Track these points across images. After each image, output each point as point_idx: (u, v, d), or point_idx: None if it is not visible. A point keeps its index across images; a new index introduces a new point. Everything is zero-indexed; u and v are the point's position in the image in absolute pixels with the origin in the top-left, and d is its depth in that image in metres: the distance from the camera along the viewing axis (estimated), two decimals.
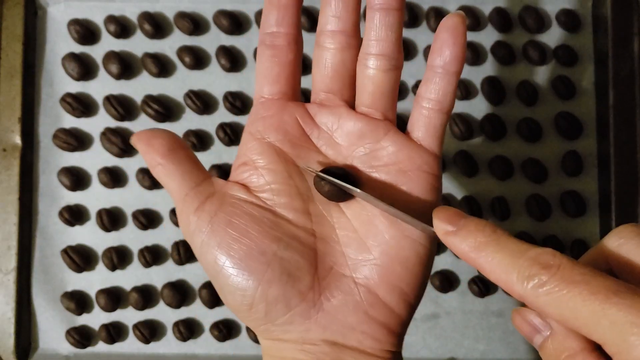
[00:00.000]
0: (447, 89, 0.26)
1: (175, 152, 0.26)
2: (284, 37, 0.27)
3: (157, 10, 0.45)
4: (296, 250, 0.26)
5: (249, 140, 0.27)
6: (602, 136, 0.44)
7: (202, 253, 0.25)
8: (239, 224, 0.25)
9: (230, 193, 0.26)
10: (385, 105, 0.27)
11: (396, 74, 0.26)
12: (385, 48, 0.26)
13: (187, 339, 0.43)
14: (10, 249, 0.43)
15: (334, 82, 0.27)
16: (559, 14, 0.45)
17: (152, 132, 0.27)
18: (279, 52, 0.27)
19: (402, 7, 0.26)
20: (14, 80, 0.44)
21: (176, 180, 0.26)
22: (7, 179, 0.44)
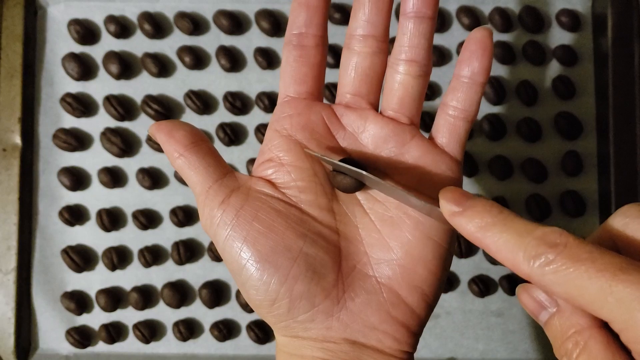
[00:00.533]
0: (474, 99, 0.26)
1: (197, 145, 0.26)
2: (312, 39, 0.27)
3: (157, 10, 0.45)
4: (321, 247, 0.26)
5: (274, 137, 0.27)
6: (602, 136, 0.44)
7: (226, 247, 0.25)
8: (266, 219, 0.25)
9: (255, 188, 0.26)
10: (413, 110, 0.27)
11: (425, 80, 0.27)
12: (416, 55, 0.26)
13: (187, 339, 0.43)
14: (10, 249, 0.43)
15: (362, 86, 0.27)
16: (559, 14, 0.45)
17: (173, 123, 0.26)
18: (307, 53, 0.27)
19: (435, 15, 0.26)
20: (14, 80, 0.44)
21: (199, 173, 0.26)
22: (7, 179, 0.44)
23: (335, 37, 0.45)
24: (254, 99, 0.45)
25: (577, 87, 0.45)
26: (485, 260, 0.44)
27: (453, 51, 0.45)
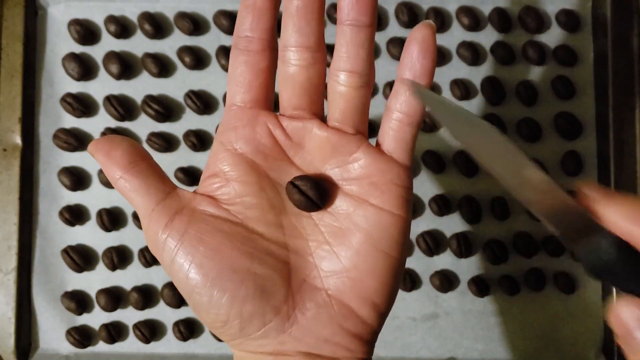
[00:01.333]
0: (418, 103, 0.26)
1: (137, 165, 0.25)
2: (259, 43, 0.26)
3: (157, 10, 0.45)
4: (269, 265, 0.25)
5: (219, 151, 0.26)
6: (602, 136, 0.44)
7: (173, 271, 0.25)
8: (211, 241, 0.24)
9: (199, 208, 0.25)
10: (357, 120, 0.26)
11: (367, 91, 0.26)
12: (356, 65, 0.25)
13: (187, 338, 0.43)
14: (10, 249, 0.43)
15: (302, 99, 0.26)
16: (558, 14, 0.45)
17: (110, 141, 0.25)
18: (253, 57, 0.26)
19: (373, 23, 0.25)
20: (14, 80, 0.44)
21: (140, 195, 0.25)
22: (7, 179, 0.44)
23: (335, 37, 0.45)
24: None
25: (577, 87, 0.45)
26: (484, 260, 0.44)
27: (453, 51, 0.45)
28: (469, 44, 0.45)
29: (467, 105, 0.45)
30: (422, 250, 0.44)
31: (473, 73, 0.45)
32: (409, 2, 0.45)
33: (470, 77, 0.45)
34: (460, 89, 0.44)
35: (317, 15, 0.25)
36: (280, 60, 0.26)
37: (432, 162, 0.44)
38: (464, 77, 0.45)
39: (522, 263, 0.44)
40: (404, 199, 0.26)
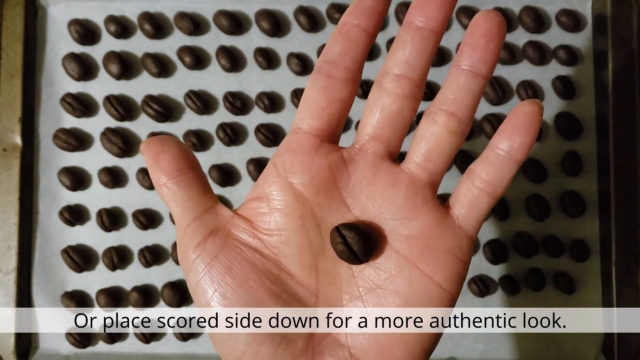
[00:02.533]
0: (506, 176, 0.24)
1: (182, 173, 0.24)
2: (343, 71, 0.24)
3: (157, 10, 0.45)
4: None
5: (271, 174, 0.24)
6: (602, 136, 0.44)
7: (196, 293, 0.24)
8: (239, 273, 0.23)
9: (234, 234, 0.24)
10: (438, 167, 0.24)
11: (460, 140, 0.24)
12: (459, 110, 0.24)
13: (187, 338, 0.43)
14: (10, 249, 0.43)
15: (385, 129, 0.24)
16: (558, 14, 0.45)
17: (162, 143, 0.24)
18: (333, 85, 0.24)
19: (490, 75, 0.24)
20: (14, 80, 0.44)
21: (180, 207, 0.24)
22: (7, 179, 0.44)
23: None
24: (254, 99, 0.45)
25: (577, 87, 0.45)
26: (485, 260, 0.44)
27: (453, 51, 0.45)
28: None
29: None
30: None
31: None
32: (409, 2, 0.45)
33: None
34: None
35: (431, 49, 0.24)
36: (376, 85, 0.25)
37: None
38: None
39: (522, 263, 0.44)
40: (459, 274, 0.24)
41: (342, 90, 0.24)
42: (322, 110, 0.24)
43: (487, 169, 0.24)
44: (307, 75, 0.45)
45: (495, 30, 0.24)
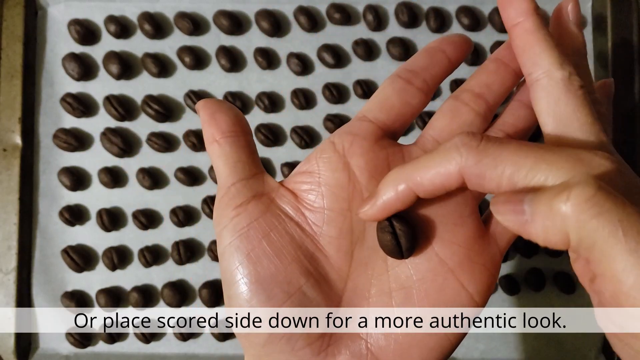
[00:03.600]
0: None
1: (236, 135, 0.24)
2: (422, 82, 0.26)
3: (157, 10, 0.45)
4: (322, 292, 0.23)
5: (327, 149, 0.24)
6: None
7: (225, 254, 0.23)
8: (276, 241, 0.23)
9: (278, 203, 0.24)
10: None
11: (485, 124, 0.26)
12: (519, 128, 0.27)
13: (187, 338, 0.43)
14: (10, 249, 0.43)
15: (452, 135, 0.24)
16: None
17: (220, 104, 0.25)
18: (409, 89, 0.25)
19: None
20: (14, 80, 0.44)
21: (228, 165, 0.24)
22: (7, 179, 0.44)
23: (335, 38, 0.45)
24: (254, 99, 0.45)
25: None
26: None
27: None
28: None
29: None
30: None
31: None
32: (409, 2, 0.45)
33: None
34: None
35: (509, 87, 0.26)
36: (453, 97, 0.26)
37: None
38: (464, 77, 0.45)
39: (522, 263, 0.44)
40: (489, 288, 0.24)
41: (415, 97, 0.25)
42: (392, 108, 0.25)
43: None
44: (307, 75, 0.45)
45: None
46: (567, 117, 0.23)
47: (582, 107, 0.22)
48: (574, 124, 0.22)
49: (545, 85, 0.23)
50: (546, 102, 0.23)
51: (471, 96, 0.26)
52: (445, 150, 0.21)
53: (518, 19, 0.23)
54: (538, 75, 0.23)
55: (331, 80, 0.45)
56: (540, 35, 0.23)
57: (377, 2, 0.45)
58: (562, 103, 0.23)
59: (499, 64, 0.26)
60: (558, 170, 0.20)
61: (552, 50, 0.23)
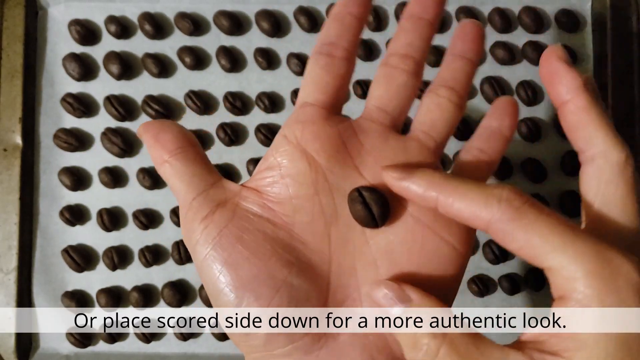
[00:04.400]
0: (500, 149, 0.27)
1: (185, 150, 0.24)
2: (342, 51, 0.26)
3: (157, 10, 0.46)
4: (308, 278, 0.23)
5: (281, 144, 0.25)
6: None
7: (204, 267, 0.23)
8: (251, 242, 0.23)
9: (243, 205, 0.24)
10: (442, 135, 0.26)
11: (460, 113, 0.27)
12: (458, 86, 0.27)
13: (187, 338, 0.43)
14: (10, 249, 0.43)
15: (392, 101, 0.26)
16: (558, 14, 0.45)
17: (161, 124, 0.25)
18: (334, 62, 0.26)
19: (478, 62, 0.27)
20: (14, 80, 0.44)
21: (184, 182, 0.24)
22: (7, 179, 0.44)
23: None
24: (254, 99, 0.45)
25: None
26: (485, 260, 0.44)
27: None
28: None
29: (467, 105, 0.45)
30: None
31: None
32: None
33: None
34: None
35: (429, 37, 0.27)
36: (383, 64, 0.27)
37: None
38: None
39: (522, 263, 0.44)
40: (470, 235, 0.25)
41: (342, 67, 0.26)
42: (327, 85, 0.25)
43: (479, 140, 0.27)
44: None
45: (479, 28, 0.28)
46: (615, 202, 0.22)
47: (630, 194, 0.22)
48: (618, 210, 0.22)
49: (600, 165, 0.23)
50: (597, 183, 0.23)
51: (399, 58, 0.26)
52: (488, 194, 0.21)
53: (569, 96, 0.23)
54: (593, 155, 0.23)
55: None
56: (594, 113, 0.23)
57: (377, 2, 0.45)
58: (613, 187, 0.22)
59: (414, 20, 0.27)
60: (578, 267, 0.20)
61: (608, 129, 0.23)
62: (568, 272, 0.20)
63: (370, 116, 0.26)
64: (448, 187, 0.22)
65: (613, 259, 0.20)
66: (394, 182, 0.23)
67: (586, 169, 0.23)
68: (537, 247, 0.20)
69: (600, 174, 0.23)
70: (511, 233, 0.21)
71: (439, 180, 0.23)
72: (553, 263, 0.20)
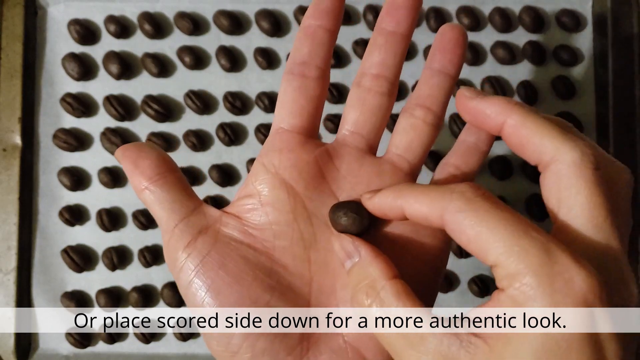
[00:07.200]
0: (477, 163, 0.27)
1: (164, 176, 0.25)
2: (315, 70, 0.26)
3: (157, 10, 0.45)
4: (289, 300, 0.24)
5: (260, 172, 0.25)
6: (602, 136, 0.44)
7: (189, 293, 0.24)
8: (233, 268, 0.24)
9: (225, 231, 0.25)
10: (417, 157, 0.26)
11: (436, 132, 0.26)
12: (435, 106, 0.26)
13: (187, 338, 0.43)
14: (10, 249, 0.43)
15: (366, 124, 0.26)
16: (559, 14, 0.45)
17: (139, 149, 0.25)
18: (307, 84, 0.25)
19: (457, 75, 0.26)
20: (14, 80, 0.44)
21: (165, 209, 0.24)
22: (7, 179, 0.44)
23: None
24: (254, 99, 0.45)
25: (577, 87, 0.45)
26: None
27: None
28: (469, 43, 0.45)
29: None
30: None
31: (473, 73, 0.45)
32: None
33: (470, 77, 0.45)
34: None
35: (402, 52, 0.26)
36: (355, 85, 0.26)
37: (431, 162, 0.44)
38: (464, 77, 0.45)
39: None
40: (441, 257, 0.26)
41: (316, 88, 0.26)
42: (302, 109, 0.25)
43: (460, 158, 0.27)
44: None
45: (460, 37, 0.26)
46: (578, 209, 0.21)
47: (595, 197, 0.20)
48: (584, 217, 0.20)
49: (556, 170, 0.21)
50: (556, 190, 0.21)
51: (371, 80, 0.26)
52: (445, 189, 0.21)
53: (500, 121, 0.23)
54: (547, 162, 0.22)
55: (331, 80, 0.45)
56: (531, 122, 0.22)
57: (377, 2, 0.45)
58: (574, 191, 0.21)
59: (385, 34, 0.26)
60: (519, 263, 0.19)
61: (553, 132, 0.21)
62: (509, 267, 0.19)
63: (345, 141, 0.26)
64: (412, 192, 0.23)
65: (559, 261, 0.19)
66: (367, 202, 0.24)
67: (543, 178, 0.22)
68: (484, 241, 0.20)
69: (558, 179, 0.21)
70: (460, 223, 0.20)
71: (405, 188, 0.23)
72: (497, 258, 0.20)
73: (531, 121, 0.22)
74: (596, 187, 0.20)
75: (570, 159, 0.21)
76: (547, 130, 0.22)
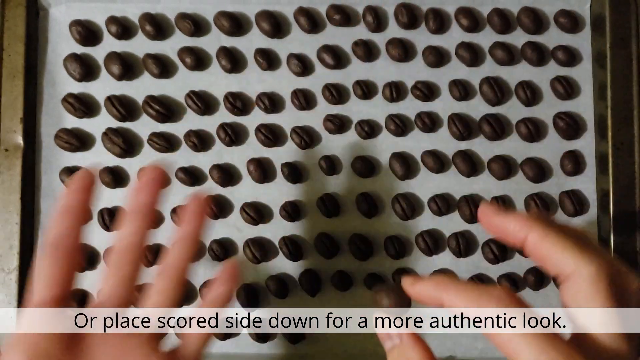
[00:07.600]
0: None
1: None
2: (73, 242, 0.30)
3: (158, 11, 0.46)
4: None
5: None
6: (601, 136, 0.45)
7: None
8: None
9: None
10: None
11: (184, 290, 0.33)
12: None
13: None
14: (12, 249, 0.43)
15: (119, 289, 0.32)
16: (557, 14, 0.45)
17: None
18: (64, 256, 0.30)
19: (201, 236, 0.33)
20: (16, 80, 0.44)
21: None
22: (9, 179, 0.44)
23: (335, 39, 0.46)
24: (254, 99, 0.45)
25: (575, 88, 0.45)
26: (484, 260, 0.44)
27: (452, 52, 0.45)
28: (468, 44, 0.45)
29: (467, 106, 0.45)
30: (421, 250, 0.44)
31: (472, 74, 0.45)
32: (409, 3, 0.45)
33: (469, 77, 0.45)
34: (460, 90, 0.45)
35: (151, 223, 0.32)
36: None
37: (431, 162, 0.44)
38: (463, 77, 0.45)
39: (521, 263, 0.44)
40: None
41: (72, 261, 0.31)
42: (57, 281, 0.31)
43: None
44: (307, 76, 0.45)
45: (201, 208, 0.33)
46: (594, 318, 0.23)
47: (608, 312, 0.23)
48: (599, 324, 0.23)
49: (575, 283, 0.24)
50: (574, 301, 0.24)
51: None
52: (482, 290, 0.25)
53: (522, 235, 0.25)
54: (567, 275, 0.24)
55: (331, 81, 0.45)
56: (553, 238, 0.24)
57: (376, 3, 0.46)
58: (591, 302, 0.23)
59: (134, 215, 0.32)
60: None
61: (573, 247, 0.24)
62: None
63: (100, 302, 0.33)
64: (453, 287, 0.25)
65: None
66: (409, 288, 0.26)
67: (564, 288, 0.24)
68: (512, 350, 0.24)
69: (577, 292, 0.24)
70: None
71: (446, 282, 0.25)
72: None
73: (551, 237, 0.24)
74: (610, 301, 0.23)
75: (587, 274, 0.23)
76: (566, 246, 0.24)
